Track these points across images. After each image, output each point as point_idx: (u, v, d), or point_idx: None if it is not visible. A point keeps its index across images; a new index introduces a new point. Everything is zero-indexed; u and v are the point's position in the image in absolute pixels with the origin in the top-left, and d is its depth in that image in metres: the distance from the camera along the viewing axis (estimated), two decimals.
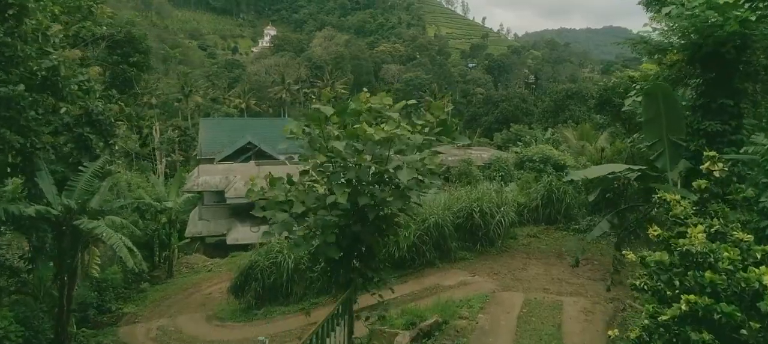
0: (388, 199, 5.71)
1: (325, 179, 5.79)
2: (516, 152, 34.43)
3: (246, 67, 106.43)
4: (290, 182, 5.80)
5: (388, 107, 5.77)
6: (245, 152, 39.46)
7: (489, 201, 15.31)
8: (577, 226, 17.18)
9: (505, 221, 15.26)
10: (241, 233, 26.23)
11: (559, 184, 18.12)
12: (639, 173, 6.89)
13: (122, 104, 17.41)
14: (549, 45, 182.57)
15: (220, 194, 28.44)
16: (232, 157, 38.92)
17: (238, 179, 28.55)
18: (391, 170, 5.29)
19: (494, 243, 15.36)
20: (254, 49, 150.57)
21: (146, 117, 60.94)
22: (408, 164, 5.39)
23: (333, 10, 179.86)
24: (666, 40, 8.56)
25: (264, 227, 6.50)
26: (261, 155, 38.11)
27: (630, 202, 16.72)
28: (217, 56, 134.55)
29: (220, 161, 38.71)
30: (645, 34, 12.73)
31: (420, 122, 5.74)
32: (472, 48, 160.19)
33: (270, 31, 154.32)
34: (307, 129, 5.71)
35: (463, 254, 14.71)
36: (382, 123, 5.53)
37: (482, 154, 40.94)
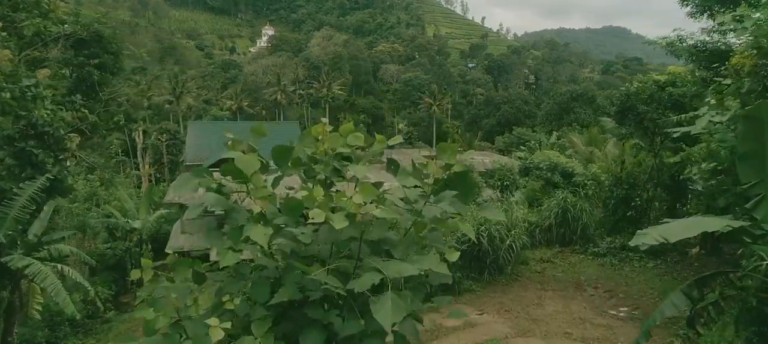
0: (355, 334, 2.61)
1: (242, 294, 2.78)
2: (520, 159, 32.78)
3: (243, 68, 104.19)
4: (198, 278, 2.84)
5: (359, 150, 2.96)
6: None
7: (497, 223, 13.47)
8: (595, 249, 15.37)
9: (516, 245, 13.46)
10: None
11: (575, 200, 16.30)
12: (731, 229, 5.04)
13: (86, 111, 15.48)
14: (549, 45, 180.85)
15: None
16: (220, 163, 36.96)
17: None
18: (358, 288, 2.46)
19: (503, 271, 13.58)
20: (252, 50, 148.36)
21: (138, 119, 59.01)
22: (394, 280, 2.39)
23: (331, 10, 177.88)
24: (732, 41, 6.69)
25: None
26: None
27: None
28: (215, 56, 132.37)
29: (207, 167, 36.73)
30: (683, 34, 10.93)
31: (413, 184, 2.80)
32: (472, 48, 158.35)
33: (268, 31, 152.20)
34: (221, 191, 2.97)
35: (468, 284, 12.93)
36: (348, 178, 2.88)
37: (484, 159, 39.13)
